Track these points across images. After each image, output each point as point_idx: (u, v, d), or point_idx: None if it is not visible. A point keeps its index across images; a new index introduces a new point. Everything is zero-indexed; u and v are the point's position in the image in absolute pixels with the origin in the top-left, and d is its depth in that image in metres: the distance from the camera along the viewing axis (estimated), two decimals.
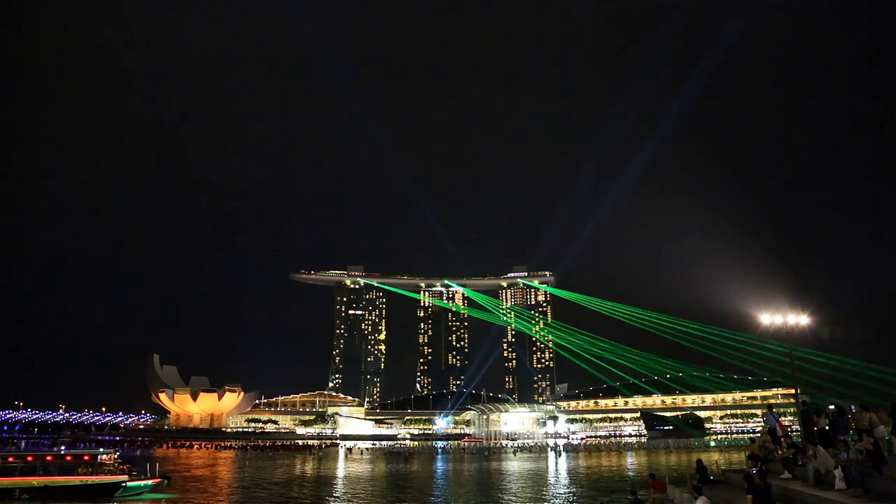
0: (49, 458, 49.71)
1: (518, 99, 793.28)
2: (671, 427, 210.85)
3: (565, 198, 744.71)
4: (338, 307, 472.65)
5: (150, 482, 51.59)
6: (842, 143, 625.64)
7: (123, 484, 49.17)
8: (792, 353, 45.28)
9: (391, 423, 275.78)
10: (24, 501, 45.54)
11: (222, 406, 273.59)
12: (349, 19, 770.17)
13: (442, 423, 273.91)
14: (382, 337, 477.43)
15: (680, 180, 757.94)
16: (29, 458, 48.91)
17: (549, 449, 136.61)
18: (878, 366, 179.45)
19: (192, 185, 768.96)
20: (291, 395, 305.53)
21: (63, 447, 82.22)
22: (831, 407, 27.07)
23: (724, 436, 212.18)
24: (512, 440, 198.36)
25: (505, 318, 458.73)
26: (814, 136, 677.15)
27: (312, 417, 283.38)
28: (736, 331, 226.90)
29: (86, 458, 50.29)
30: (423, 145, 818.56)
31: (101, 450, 54.82)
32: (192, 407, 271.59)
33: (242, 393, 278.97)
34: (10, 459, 48.85)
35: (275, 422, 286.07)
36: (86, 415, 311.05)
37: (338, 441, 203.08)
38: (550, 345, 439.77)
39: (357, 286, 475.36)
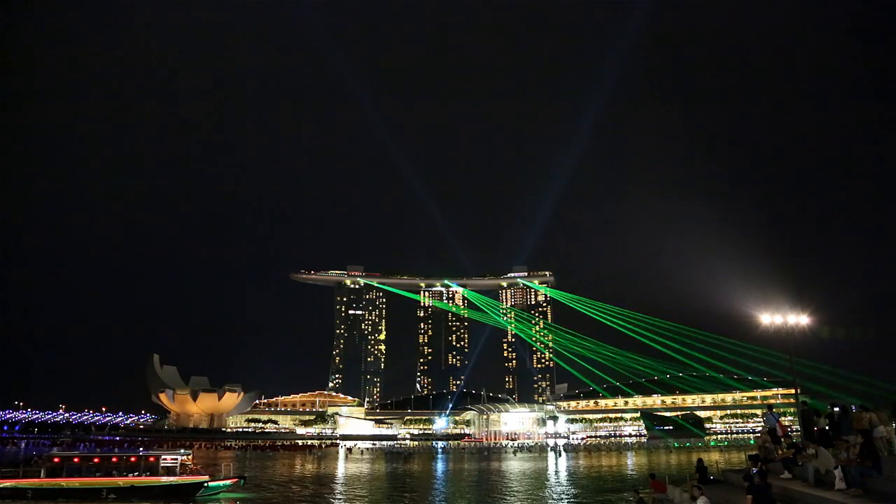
0: (132, 458, 50.49)
1: (517, 100, 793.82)
2: (671, 427, 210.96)
3: (566, 199, 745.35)
4: (338, 307, 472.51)
5: (228, 482, 52.43)
6: (842, 141, 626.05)
7: (205, 484, 50.00)
8: (792, 354, 45.30)
9: (391, 423, 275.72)
10: (111, 501, 46.36)
11: (222, 406, 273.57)
12: (350, 19, 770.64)
13: (442, 423, 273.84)
14: (382, 337, 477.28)
15: (680, 181, 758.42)
16: (114, 459, 49.95)
17: (549, 449, 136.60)
18: (876, 380, 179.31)
19: (193, 185, 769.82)
20: (291, 395, 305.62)
21: (64, 447, 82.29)
22: (836, 409, 26.96)
23: (724, 436, 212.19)
24: (512, 440, 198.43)
25: (505, 319, 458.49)
26: (813, 134, 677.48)
27: (312, 417, 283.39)
28: (736, 333, 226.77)
29: (168, 458, 51.00)
30: (423, 146, 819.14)
31: (182, 451, 55.62)
32: (192, 407, 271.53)
33: (242, 393, 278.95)
34: (96, 460, 49.75)
35: (275, 422, 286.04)
36: (86, 415, 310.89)
37: (338, 441, 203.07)
38: (550, 345, 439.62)
39: (357, 286, 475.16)
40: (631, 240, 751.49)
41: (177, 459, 51.17)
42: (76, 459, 49.25)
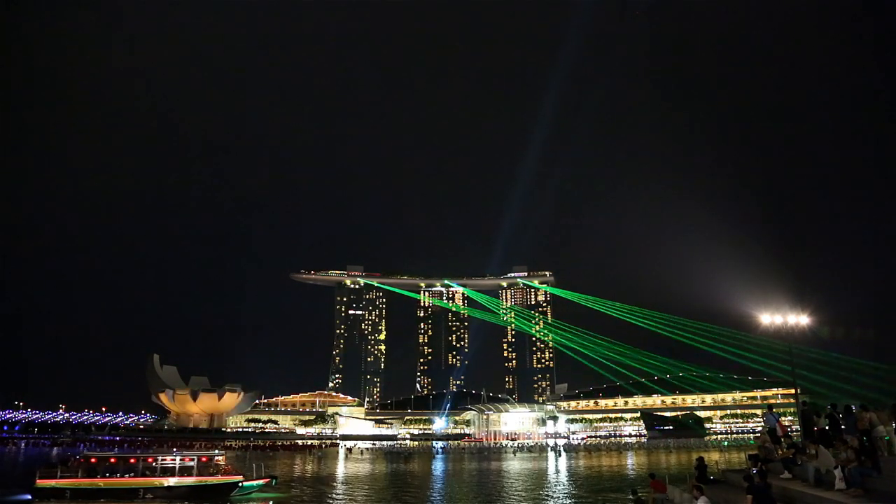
0: (168, 459, 51.25)
1: (518, 99, 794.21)
2: (671, 427, 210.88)
3: (567, 198, 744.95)
4: (338, 307, 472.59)
5: (260, 482, 53.18)
6: (843, 140, 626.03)
7: (240, 484, 50.63)
8: (792, 353, 45.28)
9: (391, 423, 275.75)
10: (148, 501, 46.92)
11: (222, 406, 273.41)
12: (351, 18, 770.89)
13: (442, 423, 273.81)
14: (382, 337, 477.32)
15: (680, 180, 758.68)
16: (149, 460, 50.52)
17: (549, 449, 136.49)
18: (878, 363, 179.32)
19: (193, 185, 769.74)
20: (291, 395, 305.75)
21: (64, 447, 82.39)
22: (842, 414, 26.92)
23: (725, 436, 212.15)
24: (512, 440, 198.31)
25: (505, 318, 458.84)
26: (815, 134, 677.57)
27: (312, 417, 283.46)
28: (736, 330, 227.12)
29: (203, 459, 51.54)
30: (423, 145, 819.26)
31: (216, 451, 56.18)
32: (192, 407, 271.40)
33: (242, 393, 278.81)
34: (132, 461, 50.36)
35: (275, 422, 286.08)
36: (86, 415, 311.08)
37: (338, 441, 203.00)
38: (550, 345, 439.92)
39: (357, 286, 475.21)
40: (631, 240, 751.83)
41: (212, 460, 51.92)
42: (113, 460, 49.91)
